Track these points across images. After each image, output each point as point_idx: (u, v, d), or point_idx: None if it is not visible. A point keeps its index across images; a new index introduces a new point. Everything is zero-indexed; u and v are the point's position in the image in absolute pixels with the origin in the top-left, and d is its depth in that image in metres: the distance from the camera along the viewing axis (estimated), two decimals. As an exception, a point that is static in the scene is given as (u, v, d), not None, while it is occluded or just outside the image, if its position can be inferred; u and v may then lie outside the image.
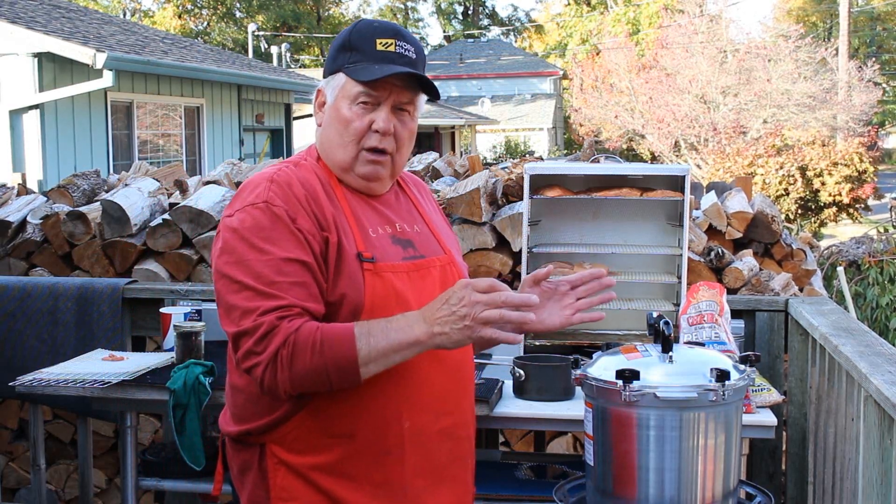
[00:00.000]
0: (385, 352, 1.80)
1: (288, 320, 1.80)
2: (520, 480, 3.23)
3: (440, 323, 1.78)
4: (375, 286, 1.92)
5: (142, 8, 38.91)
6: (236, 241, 1.88)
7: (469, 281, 1.80)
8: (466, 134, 32.12)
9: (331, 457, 1.92)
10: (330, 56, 2.06)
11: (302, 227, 1.88)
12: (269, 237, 1.86)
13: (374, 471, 1.94)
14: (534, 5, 79.87)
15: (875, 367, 2.54)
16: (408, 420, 1.95)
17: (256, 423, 1.95)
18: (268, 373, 1.80)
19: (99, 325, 3.90)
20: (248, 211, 1.90)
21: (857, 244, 7.60)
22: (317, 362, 1.79)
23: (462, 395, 2.08)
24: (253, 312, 1.81)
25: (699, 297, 3.14)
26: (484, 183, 4.08)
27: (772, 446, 3.58)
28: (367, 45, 1.99)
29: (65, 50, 10.28)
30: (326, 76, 2.05)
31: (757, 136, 20.09)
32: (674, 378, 2.15)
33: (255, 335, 1.80)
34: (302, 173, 1.98)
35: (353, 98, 1.98)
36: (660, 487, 2.15)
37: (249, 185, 1.96)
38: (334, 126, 2.00)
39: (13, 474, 4.45)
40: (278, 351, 1.79)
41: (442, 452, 2.02)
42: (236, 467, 2.02)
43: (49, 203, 4.59)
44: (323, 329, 1.81)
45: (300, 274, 1.85)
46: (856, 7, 34.63)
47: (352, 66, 1.99)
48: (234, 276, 1.85)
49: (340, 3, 47.60)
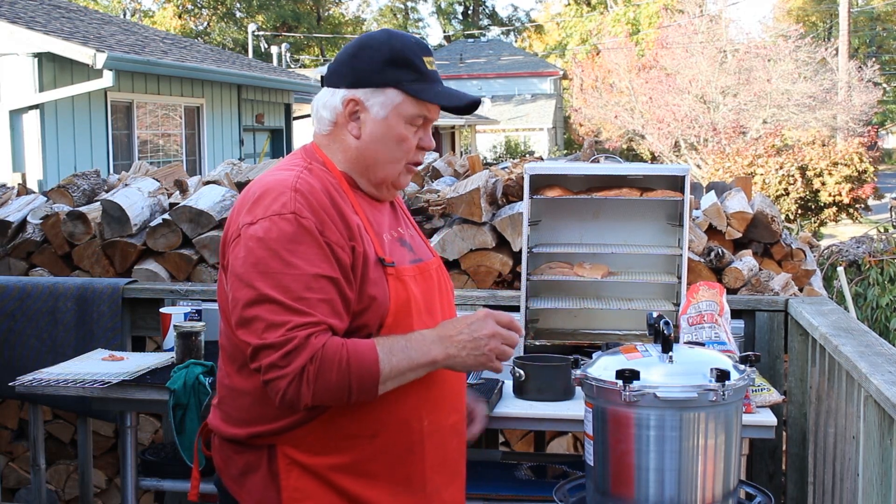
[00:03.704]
0: (404, 371, 1.87)
1: (315, 336, 1.80)
2: (520, 480, 3.23)
3: (458, 346, 1.88)
4: (398, 290, 1.95)
5: (142, 8, 38.89)
6: (263, 251, 1.85)
7: (491, 312, 1.90)
8: (466, 134, 32.12)
9: (352, 456, 1.93)
10: (370, 67, 1.99)
11: (331, 240, 1.87)
12: (297, 251, 1.84)
13: (396, 469, 1.96)
14: (534, 5, 79.92)
15: (875, 367, 2.54)
16: (426, 418, 1.99)
17: (269, 426, 1.94)
18: (292, 387, 1.80)
19: (99, 325, 3.90)
20: (275, 221, 1.86)
21: (857, 244, 7.59)
22: (341, 379, 1.81)
23: (464, 392, 2.14)
24: (281, 327, 1.80)
25: (699, 297, 3.14)
26: (484, 183, 4.08)
27: (772, 446, 3.58)
28: (420, 63, 2.00)
29: (65, 50, 10.28)
30: (362, 86, 1.99)
31: (757, 136, 20.08)
32: (674, 378, 2.15)
33: (281, 349, 1.79)
34: (318, 180, 1.95)
35: (412, 118, 2.00)
36: (660, 487, 2.15)
37: (271, 192, 1.90)
38: (385, 142, 2.00)
39: (13, 474, 4.45)
40: (305, 367, 1.79)
41: (452, 448, 2.07)
42: (237, 470, 2.00)
43: (49, 203, 4.59)
44: (348, 346, 1.82)
45: (327, 290, 1.84)
46: (856, 7, 34.63)
47: (411, 84, 1.98)
48: (260, 287, 1.82)
49: (340, 3, 47.60)
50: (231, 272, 1.89)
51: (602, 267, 3.70)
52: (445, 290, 2.15)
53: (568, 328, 3.86)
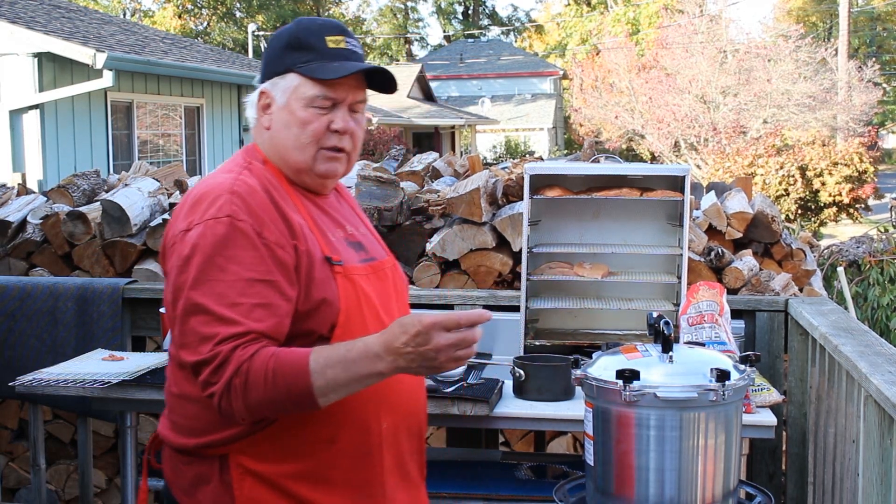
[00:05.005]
0: (346, 383, 1.75)
1: (242, 348, 1.74)
2: (520, 480, 3.23)
3: (407, 359, 1.72)
4: (347, 289, 1.89)
5: (142, 8, 38.90)
6: (197, 257, 1.79)
7: (435, 322, 1.68)
8: (466, 134, 32.14)
9: (309, 463, 1.87)
10: (273, 55, 1.98)
11: (270, 240, 1.81)
12: (232, 255, 1.79)
13: (355, 474, 1.90)
14: (534, 5, 79.97)
15: (875, 366, 2.54)
16: (385, 421, 1.93)
17: (220, 435, 1.87)
18: (223, 401, 1.75)
19: (99, 325, 3.90)
20: (210, 226, 1.81)
21: (857, 244, 7.59)
22: (270, 393, 1.73)
23: (421, 392, 2.08)
24: (210, 340, 1.75)
25: (699, 297, 3.14)
26: (484, 183, 4.08)
27: (772, 446, 3.58)
28: (318, 43, 1.93)
29: (65, 50, 10.28)
30: (270, 77, 1.97)
31: (757, 136, 20.09)
32: (674, 378, 2.15)
33: (211, 365, 1.74)
34: (258, 179, 1.90)
35: (310, 99, 1.92)
36: (660, 487, 2.16)
37: (208, 196, 1.85)
38: (289, 129, 1.93)
39: (13, 474, 4.45)
40: (231, 380, 1.73)
41: (408, 449, 2.01)
42: (187, 481, 1.92)
43: (49, 203, 4.59)
44: (277, 357, 1.74)
45: (264, 294, 1.78)
46: (856, 7, 34.63)
47: (305, 65, 1.91)
48: (193, 296, 1.78)
49: (340, 3, 47.60)
50: (169, 280, 1.85)
51: (602, 267, 3.70)
52: (401, 289, 2.09)
53: (568, 328, 3.86)
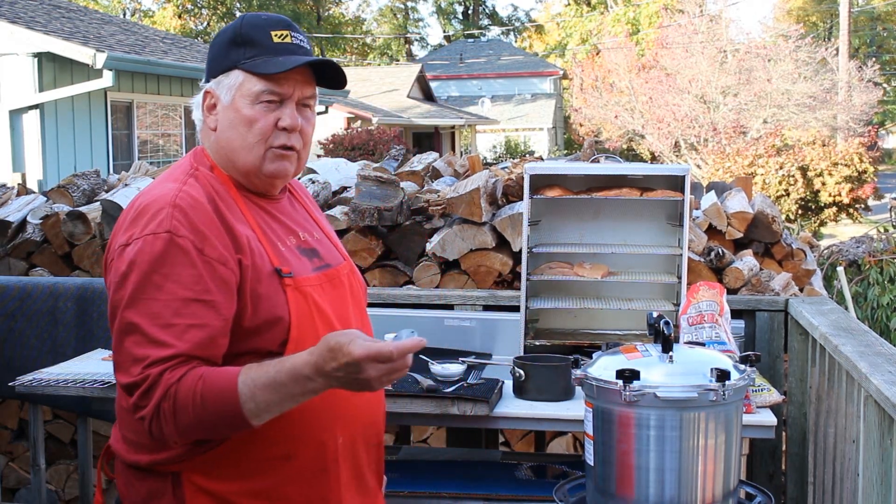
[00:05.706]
0: (279, 402, 1.69)
1: (170, 371, 1.69)
2: (520, 480, 3.23)
3: (338, 381, 1.66)
4: (299, 302, 1.83)
5: (142, 8, 38.93)
6: (134, 274, 1.73)
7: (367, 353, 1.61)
8: (466, 134, 32.13)
9: (265, 480, 1.82)
10: (217, 53, 1.90)
11: (211, 257, 1.75)
12: (170, 273, 1.72)
13: (311, 490, 1.86)
14: (534, 5, 79.94)
15: (875, 367, 2.54)
16: (341, 435, 1.89)
17: (170, 453, 1.81)
18: (154, 425, 1.71)
19: (99, 325, 3.90)
20: (149, 241, 1.74)
21: (857, 244, 7.59)
22: (200, 416, 1.68)
23: (378, 403, 2.04)
24: (141, 363, 1.69)
25: (699, 297, 3.14)
26: (484, 183, 4.08)
27: (772, 446, 3.58)
28: (263, 37, 1.85)
29: (65, 50, 10.29)
30: (215, 76, 1.89)
31: (757, 136, 20.08)
32: (674, 378, 2.15)
33: (140, 388, 1.70)
34: (203, 187, 1.83)
35: (256, 96, 1.84)
36: (660, 487, 2.15)
37: (150, 209, 1.79)
38: (235, 128, 1.86)
39: (13, 474, 4.45)
40: (159, 404, 1.68)
41: (365, 461, 1.98)
42: (139, 497, 1.87)
43: (49, 203, 4.59)
44: (205, 380, 1.68)
45: (200, 315, 1.72)
46: (856, 7, 34.62)
47: (249, 61, 1.84)
48: (127, 315, 1.72)
49: (340, 3, 47.61)
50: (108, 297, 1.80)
51: (602, 267, 3.70)
52: (359, 295, 2.04)
53: (568, 328, 3.86)
